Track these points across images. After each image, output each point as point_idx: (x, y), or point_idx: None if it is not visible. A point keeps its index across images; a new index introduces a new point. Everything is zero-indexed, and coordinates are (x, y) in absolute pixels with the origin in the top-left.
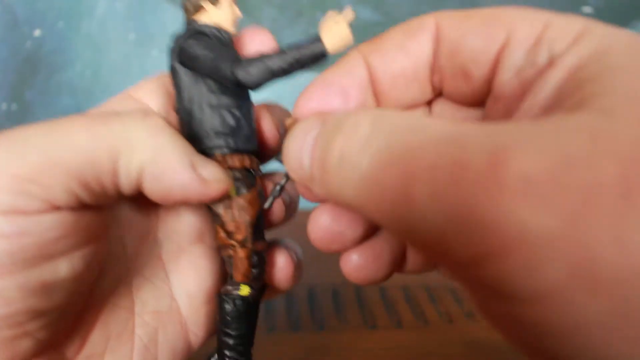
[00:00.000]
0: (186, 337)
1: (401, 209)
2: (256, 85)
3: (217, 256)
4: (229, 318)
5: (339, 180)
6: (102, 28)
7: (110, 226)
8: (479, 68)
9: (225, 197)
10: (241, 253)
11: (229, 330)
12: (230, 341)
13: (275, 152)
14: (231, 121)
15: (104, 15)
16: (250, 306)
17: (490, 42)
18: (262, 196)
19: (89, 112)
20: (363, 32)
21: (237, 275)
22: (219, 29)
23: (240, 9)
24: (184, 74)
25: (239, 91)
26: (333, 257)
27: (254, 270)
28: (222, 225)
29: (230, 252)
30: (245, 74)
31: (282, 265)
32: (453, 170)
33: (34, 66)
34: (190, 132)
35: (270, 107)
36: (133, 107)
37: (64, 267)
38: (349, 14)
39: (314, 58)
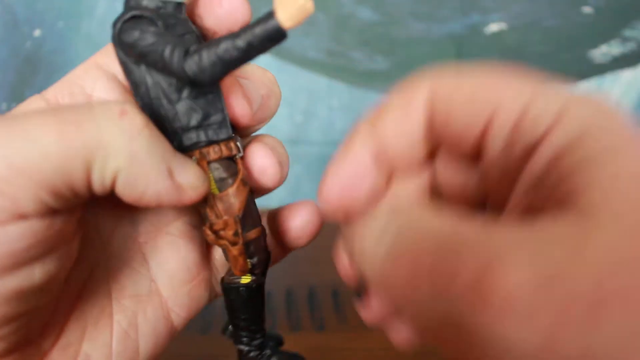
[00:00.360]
0: (167, 318)
1: (409, 302)
2: (211, 82)
3: (197, 232)
4: (235, 305)
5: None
6: (102, 28)
7: (83, 220)
8: (468, 143)
9: (208, 197)
10: (234, 251)
11: (238, 314)
12: (242, 323)
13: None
14: (199, 113)
15: (104, 15)
16: (254, 291)
17: (477, 119)
18: (246, 183)
19: (55, 94)
20: (363, 32)
21: (235, 271)
22: (163, 5)
23: None
24: (133, 66)
25: None
26: (333, 257)
27: (251, 261)
28: (210, 227)
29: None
30: (197, 70)
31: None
32: (447, 278)
33: (34, 66)
34: (161, 129)
35: (237, 80)
36: (98, 75)
37: (37, 273)
38: None
39: (269, 38)
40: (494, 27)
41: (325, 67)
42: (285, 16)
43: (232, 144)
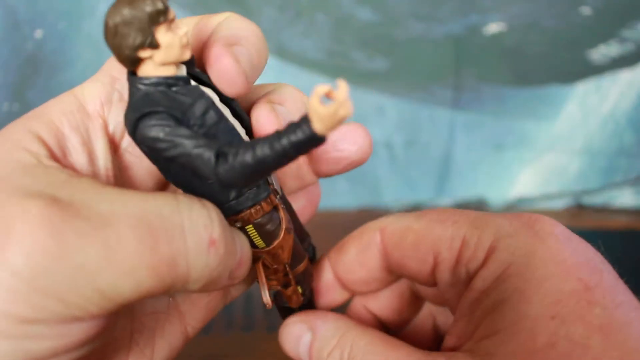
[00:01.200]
0: (184, 331)
1: None
2: (246, 186)
3: None
4: (287, 314)
5: None
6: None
7: None
8: (421, 278)
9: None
10: (288, 292)
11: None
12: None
13: None
14: (232, 192)
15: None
16: (304, 307)
17: (423, 265)
18: (290, 229)
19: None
20: (363, 32)
21: (291, 305)
22: (174, 82)
23: (240, 9)
24: (154, 159)
25: None
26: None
27: (302, 289)
28: (260, 271)
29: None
30: (231, 178)
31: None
32: None
33: (35, 66)
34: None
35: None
36: (74, 105)
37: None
38: (342, 88)
39: (308, 145)
40: (493, 28)
41: (325, 67)
42: (323, 128)
43: (271, 197)
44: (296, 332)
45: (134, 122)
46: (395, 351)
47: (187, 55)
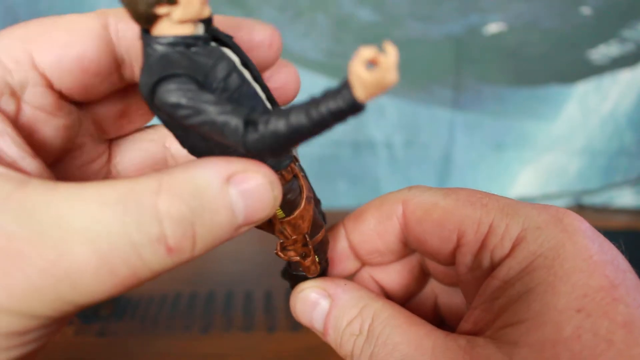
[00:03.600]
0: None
1: None
2: (274, 156)
3: None
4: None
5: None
6: None
7: None
8: (440, 258)
9: (275, 221)
10: (306, 262)
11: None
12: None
13: None
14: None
15: None
16: (321, 274)
17: (445, 244)
18: (310, 198)
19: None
20: (363, 33)
21: (309, 275)
22: (193, 42)
23: (240, 9)
24: (172, 127)
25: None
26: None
27: (319, 259)
28: (281, 246)
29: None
30: (261, 148)
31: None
32: None
33: None
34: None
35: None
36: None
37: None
38: (392, 51)
39: (346, 113)
40: (493, 28)
41: (325, 67)
42: (365, 95)
43: (292, 166)
44: (312, 298)
45: (152, 86)
46: (417, 328)
47: (206, 12)
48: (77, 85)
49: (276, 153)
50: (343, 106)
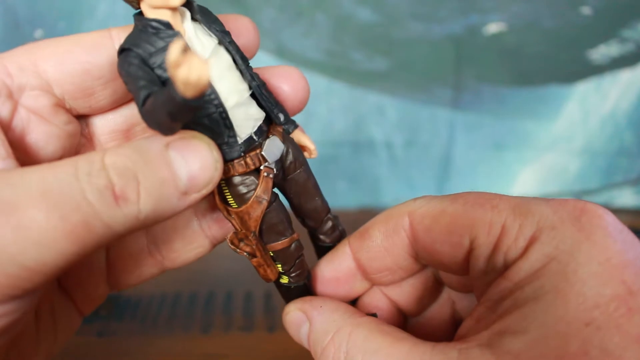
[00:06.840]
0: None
1: None
2: (164, 131)
3: None
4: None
5: None
6: (103, 29)
7: None
8: (453, 270)
9: (227, 209)
10: (253, 262)
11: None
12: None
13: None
14: (217, 138)
15: (105, 16)
16: (294, 290)
17: (457, 251)
18: (261, 199)
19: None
20: (363, 33)
21: (264, 280)
22: (156, 26)
23: (240, 9)
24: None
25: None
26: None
27: (283, 267)
28: (235, 235)
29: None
30: (147, 120)
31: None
32: None
33: None
34: None
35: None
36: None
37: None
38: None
39: (182, 103)
40: (493, 28)
41: (325, 67)
42: (184, 91)
43: (247, 161)
44: (296, 320)
45: (117, 54)
46: (398, 345)
47: (173, 2)
48: (79, 89)
49: (162, 126)
50: (178, 99)
